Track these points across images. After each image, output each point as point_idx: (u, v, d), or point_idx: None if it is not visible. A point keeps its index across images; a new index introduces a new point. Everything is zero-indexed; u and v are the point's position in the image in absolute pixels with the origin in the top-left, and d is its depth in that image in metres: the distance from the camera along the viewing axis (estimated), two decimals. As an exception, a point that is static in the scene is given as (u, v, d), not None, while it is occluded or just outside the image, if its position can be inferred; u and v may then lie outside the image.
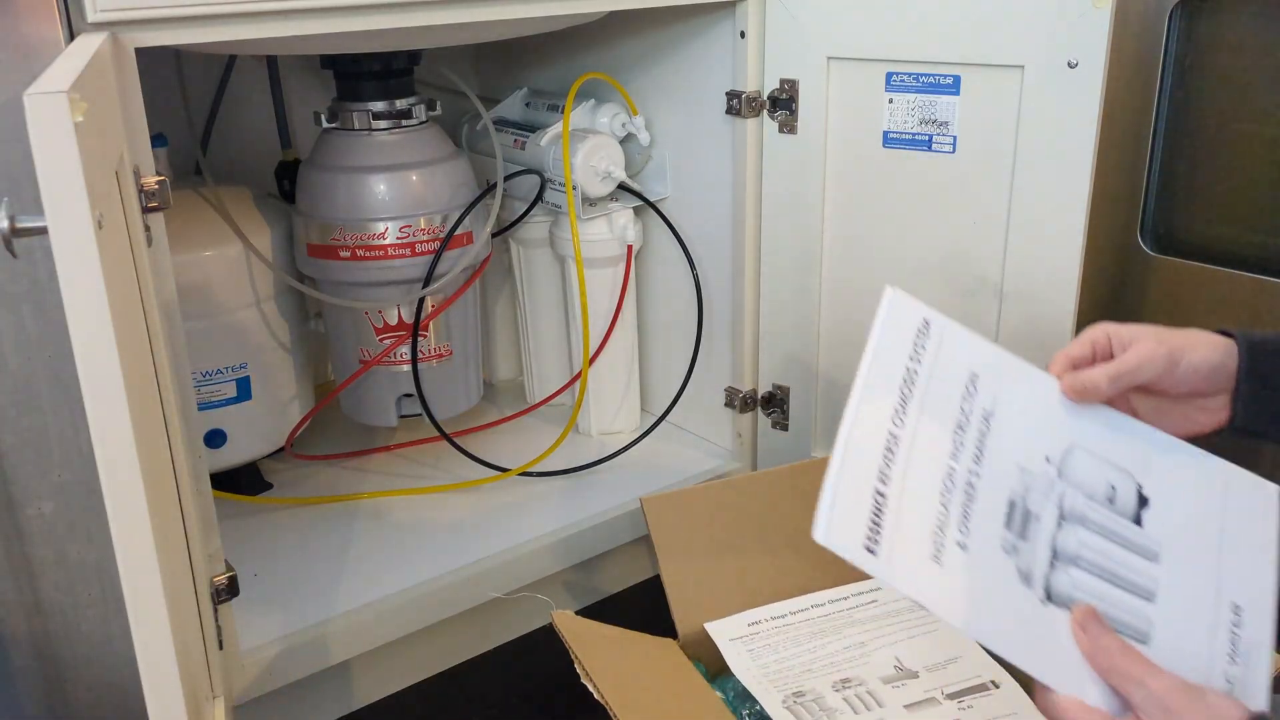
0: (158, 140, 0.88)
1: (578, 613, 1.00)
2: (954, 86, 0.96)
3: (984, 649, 0.70)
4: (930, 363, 0.59)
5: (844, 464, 0.52)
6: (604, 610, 1.14)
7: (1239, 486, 0.62)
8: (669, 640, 0.95)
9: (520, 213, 1.22)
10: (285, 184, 1.23)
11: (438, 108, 1.14)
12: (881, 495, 0.52)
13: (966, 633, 0.54)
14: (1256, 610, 0.58)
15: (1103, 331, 0.64)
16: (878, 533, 0.52)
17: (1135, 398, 0.65)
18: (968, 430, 0.57)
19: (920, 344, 0.60)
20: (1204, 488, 0.61)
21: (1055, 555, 0.56)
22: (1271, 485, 0.62)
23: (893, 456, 0.54)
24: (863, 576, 1.01)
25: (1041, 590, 0.55)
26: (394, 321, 1.13)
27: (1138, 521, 0.59)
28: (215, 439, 1.08)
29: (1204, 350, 0.62)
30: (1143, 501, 0.60)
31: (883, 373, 0.57)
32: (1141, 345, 0.62)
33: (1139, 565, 0.58)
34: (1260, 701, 0.55)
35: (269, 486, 1.18)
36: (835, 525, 0.51)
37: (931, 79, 0.97)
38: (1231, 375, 0.62)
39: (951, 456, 0.56)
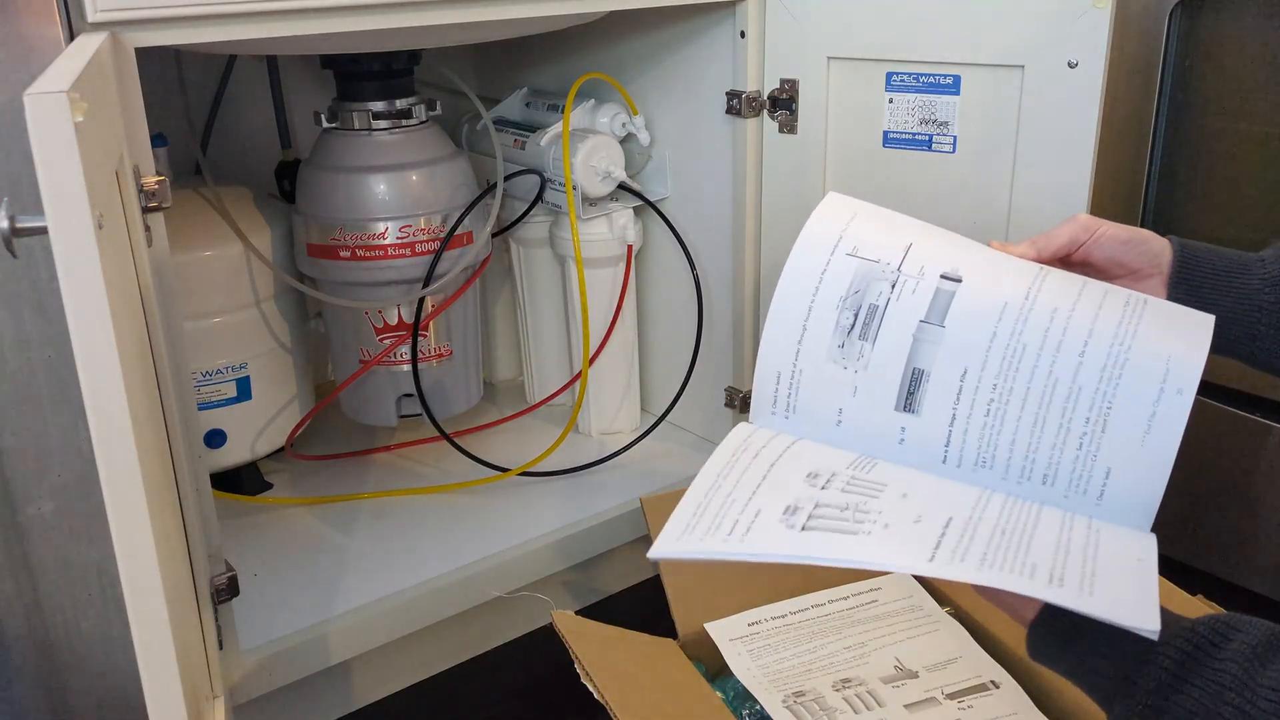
0: (158, 140, 0.88)
1: (578, 613, 1.00)
2: (954, 86, 0.96)
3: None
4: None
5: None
6: (604, 610, 1.14)
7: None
8: (669, 640, 0.95)
9: (520, 213, 1.22)
10: (285, 184, 1.23)
11: (438, 108, 1.14)
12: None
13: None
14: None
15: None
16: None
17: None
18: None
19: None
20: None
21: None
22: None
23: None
24: (862, 576, 1.01)
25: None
26: (394, 321, 1.13)
27: None
28: (215, 439, 1.08)
29: (1127, 227, 0.65)
30: None
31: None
32: (1075, 218, 0.65)
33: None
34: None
35: (269, 486, 1.18)
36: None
37: (931, 79, 0.97)
38: (1156, 255, 0.64)
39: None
